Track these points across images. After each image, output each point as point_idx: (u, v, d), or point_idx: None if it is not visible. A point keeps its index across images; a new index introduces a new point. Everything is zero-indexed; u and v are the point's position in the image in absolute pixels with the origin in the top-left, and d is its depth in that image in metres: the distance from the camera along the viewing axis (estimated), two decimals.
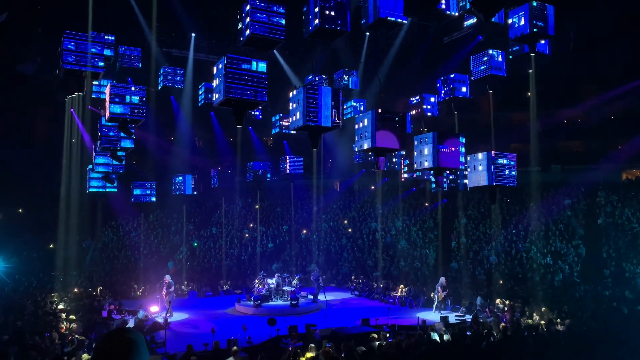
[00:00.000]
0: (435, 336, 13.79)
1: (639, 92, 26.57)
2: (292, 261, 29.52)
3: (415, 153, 15.82)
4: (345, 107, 24.14)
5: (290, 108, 13.00)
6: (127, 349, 2.26)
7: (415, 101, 23.33)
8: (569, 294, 19.33)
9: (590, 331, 13.12)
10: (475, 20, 18.63)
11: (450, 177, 22.77)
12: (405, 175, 26.55)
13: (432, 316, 19.53)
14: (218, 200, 32.40)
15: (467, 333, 13.98)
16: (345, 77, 23.73)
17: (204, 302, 23.80)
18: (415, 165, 15.56)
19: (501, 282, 21.89)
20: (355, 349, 10.85)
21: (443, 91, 21.69)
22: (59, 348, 12.77)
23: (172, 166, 29.87)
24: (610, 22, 22.25)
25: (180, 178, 26.45)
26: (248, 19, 11.72)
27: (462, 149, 15.07)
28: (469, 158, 16.37)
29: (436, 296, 20.77)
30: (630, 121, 29.31)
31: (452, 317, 18.43)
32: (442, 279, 21.02)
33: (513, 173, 16.03)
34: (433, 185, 21.87)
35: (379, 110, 13.17)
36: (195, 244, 28.64)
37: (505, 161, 16.01)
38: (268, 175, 27.75)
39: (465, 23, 19.47)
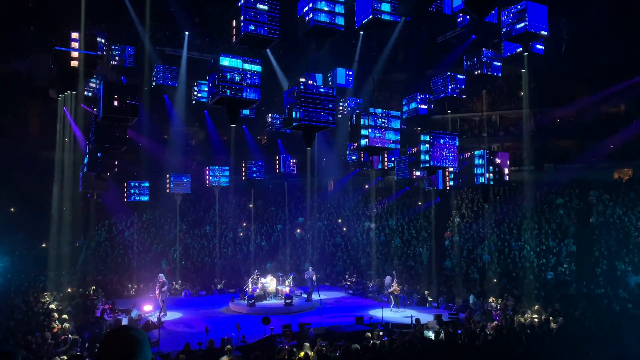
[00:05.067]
0: (430, 334, 13.84)
1: (631, 92, 26.72)
2: (286, 260, 29.49)
3: (410, 152, 15.86)
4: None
5: (285, 106, 12.92)
6: (131, 347, 2.23)
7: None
8: (562, 293, 19.45)
9: (582, 329, 13.20)
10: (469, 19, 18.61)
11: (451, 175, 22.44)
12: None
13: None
14: (212, 199, 32.28)
15: (458, 331, 14.06)
16: (339, 76, 23.68)
17: (197, 301, 23.75)
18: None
19: (495, 280, 21.99)
20: (350, 347, 10.86)
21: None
22: (52, 348, 12.69)
23: (165, 165, 29.71)
24: (602, 21, 22.35)
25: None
26: (242, 17, 11.64)
27: (456, 148, 15.12)
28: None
29: (391, 297, 20.86)
30: (622, 120, 29.48)
31: (446, 316, 18.51)
32: (388, 278, 21.38)
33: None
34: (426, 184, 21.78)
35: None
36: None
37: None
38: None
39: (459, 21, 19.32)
